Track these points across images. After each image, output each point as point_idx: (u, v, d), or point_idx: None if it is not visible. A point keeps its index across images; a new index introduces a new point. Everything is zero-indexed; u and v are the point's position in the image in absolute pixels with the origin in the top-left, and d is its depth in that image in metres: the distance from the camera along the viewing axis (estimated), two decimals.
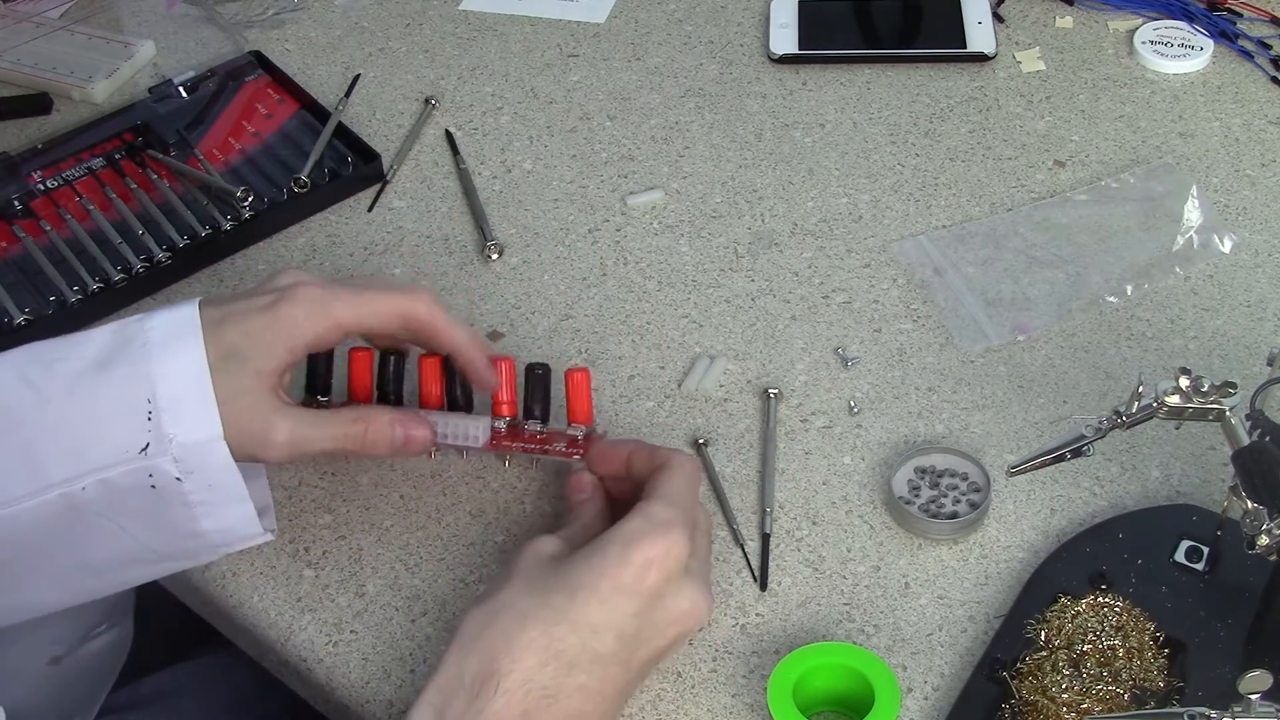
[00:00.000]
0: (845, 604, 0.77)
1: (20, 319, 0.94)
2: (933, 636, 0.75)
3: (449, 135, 1.07)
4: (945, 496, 0.80)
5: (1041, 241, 0.95)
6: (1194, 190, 0.96)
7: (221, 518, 0.72)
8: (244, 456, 0.72)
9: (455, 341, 0.76)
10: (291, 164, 1.04)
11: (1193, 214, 0.95)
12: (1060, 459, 0.74)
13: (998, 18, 1.13)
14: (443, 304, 0.76)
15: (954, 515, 0.79)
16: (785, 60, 1.11)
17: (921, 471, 0.81)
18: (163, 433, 0.69)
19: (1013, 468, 0.76)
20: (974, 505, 0.79)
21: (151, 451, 0.69)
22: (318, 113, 1.08)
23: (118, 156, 1.05)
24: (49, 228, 0.99)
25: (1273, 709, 0.62)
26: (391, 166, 1.05)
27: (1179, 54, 1.08)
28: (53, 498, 0.69)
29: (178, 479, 0.69)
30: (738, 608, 0.77)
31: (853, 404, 0.86)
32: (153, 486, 0.69)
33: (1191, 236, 0.95)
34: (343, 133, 1.06)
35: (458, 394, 0.80)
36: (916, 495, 0.80)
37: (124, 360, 0.70)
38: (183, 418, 0.69)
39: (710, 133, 1.06)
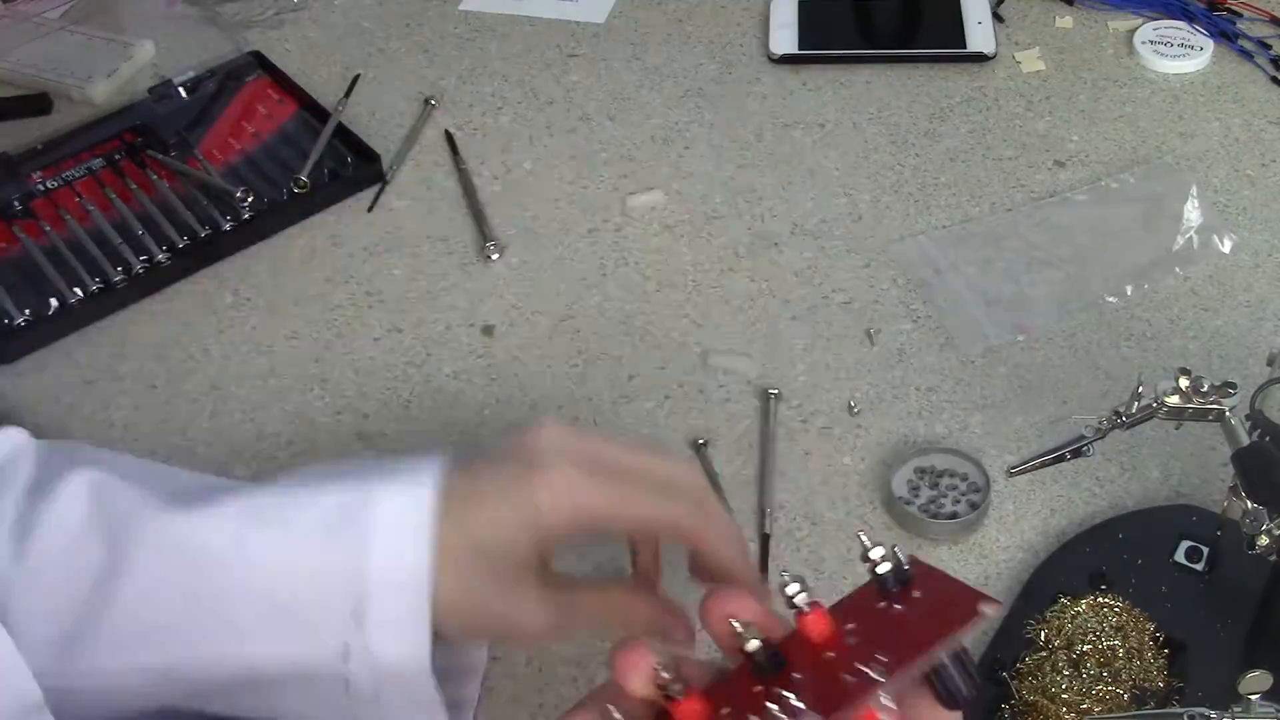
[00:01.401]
0: None
1: (20, 319, 0.94)
2: None
3: (449, 135, 1.07)
4: (945, 497, 0.80)
5: (1041, 241, 0.95)
6: (1194, 190, 0.96)
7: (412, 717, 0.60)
8: (492, 636, 0.65)
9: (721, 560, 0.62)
10: (291, 164, 1.04)
11: (1193, 214, 0.95)
12: (1060, 459, 0.74)
13: (998, 18, 1.13)
14: (711, 507, 0.62)
15: (954, 515, 0.79)
16: (785, 60, 1.11)
17: (921, 472, 0.81)
18: (367, 645, 0.57)
19: (1013, 468, 0.76)
20: (974, 505, 0.79)
21: (353, 660, 0.57)
22: (318, 113, 1.08)
23: (117, 157, 1.05)
24: (49, 228, 0.99)
25: (1273, 709, 0.62)
26: (391, 167, 1.05)
27: (1179, 54, 1.08)
28: (241, 672, 0.58)
29: (377, 698, 0.58)
30: None
31: (853, 404, 0.86)
32: (346, 689, 0.58)
33: (1191, 236, 0.95)
34: (342, 133, 1.06)
35: None
36: (916, 495, 0.80)
37: (338, 543, 0.58)
38: (388, 629, 0.57)
39: (710, 133, 1.06)
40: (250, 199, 1.00)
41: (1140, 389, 0.72)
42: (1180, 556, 0.76)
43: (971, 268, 0.94)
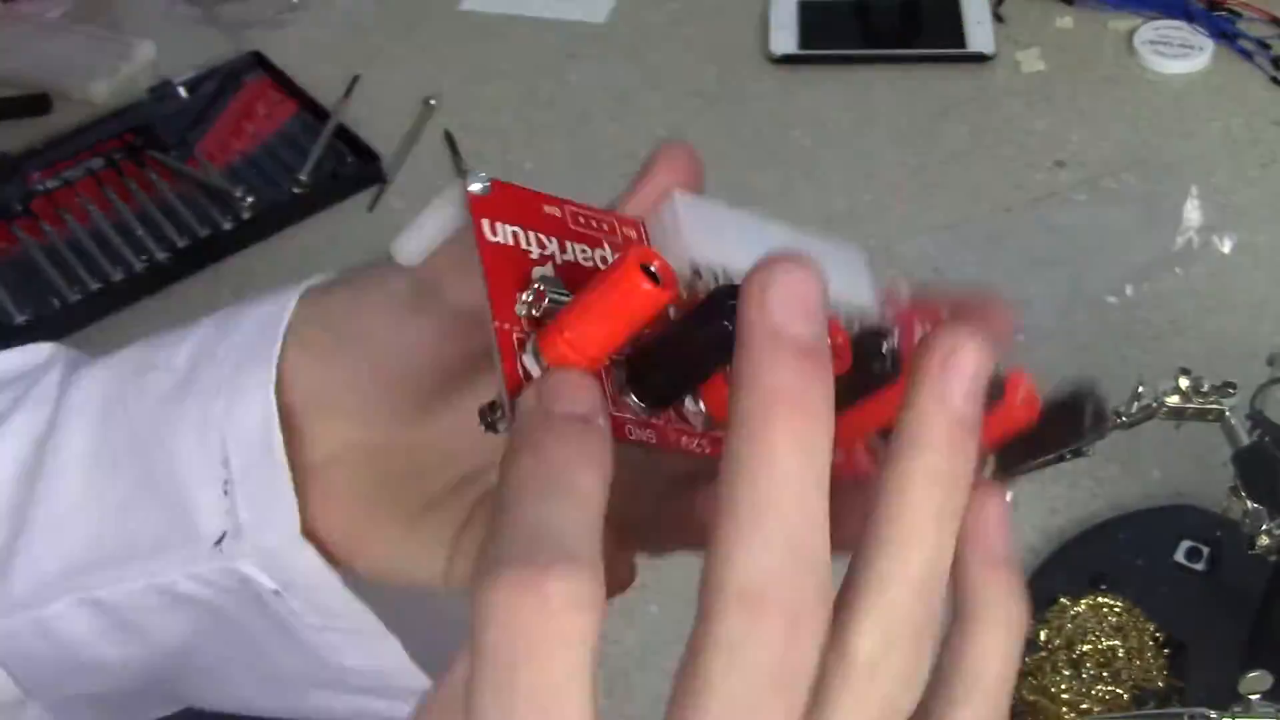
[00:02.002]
0: None
1: (20, 319, 0.94)
2: None
3: (449, 135, 1.07)
4: None
5: (1041, 241, 0.95)
6: (1194, 190, 0.96)
7: (370, 653, 0.44)
8: (387, 577, 0.44)
9: None
10: (291, 164, 1.04)
11: (1193, 214, 0.95)
12: (1060, 459, 0.74)
13: (998, 18, 1.13)
14: None
15: None
16: (785, 60, 1.11)
17: None
18: (238, 521, 0.41)
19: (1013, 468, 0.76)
20: None
21: (227, 549, 0.42)
22: (318, 113, 1.08)
23: (117, 157, 1.05)
24: (49, 228, 0.99)
25: (1273, 709, 0.62)
26: (391, 167, 1.05)
27: (1179, 54, 1.08)
28: (145, 586, 0.44)
29: (276, 592, 0.42)
30: None
31: None
32: (257, 595, 0.43)
33: (1191, 236, 0.95)
34: (342, 133, 1.06)
35: None
36: None
37: (197, 387, 0.43)
38: (252, 501, 0.41)
39: (710, 133, 1.06)
40: (250, 199, 1.00)
41: (1140, 389, 0.72)
42: (1180, 556, 0.76)
43: (971, 268, 0.94)
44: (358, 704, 0.48)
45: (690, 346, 0.32)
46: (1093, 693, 0.69)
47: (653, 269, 0.30)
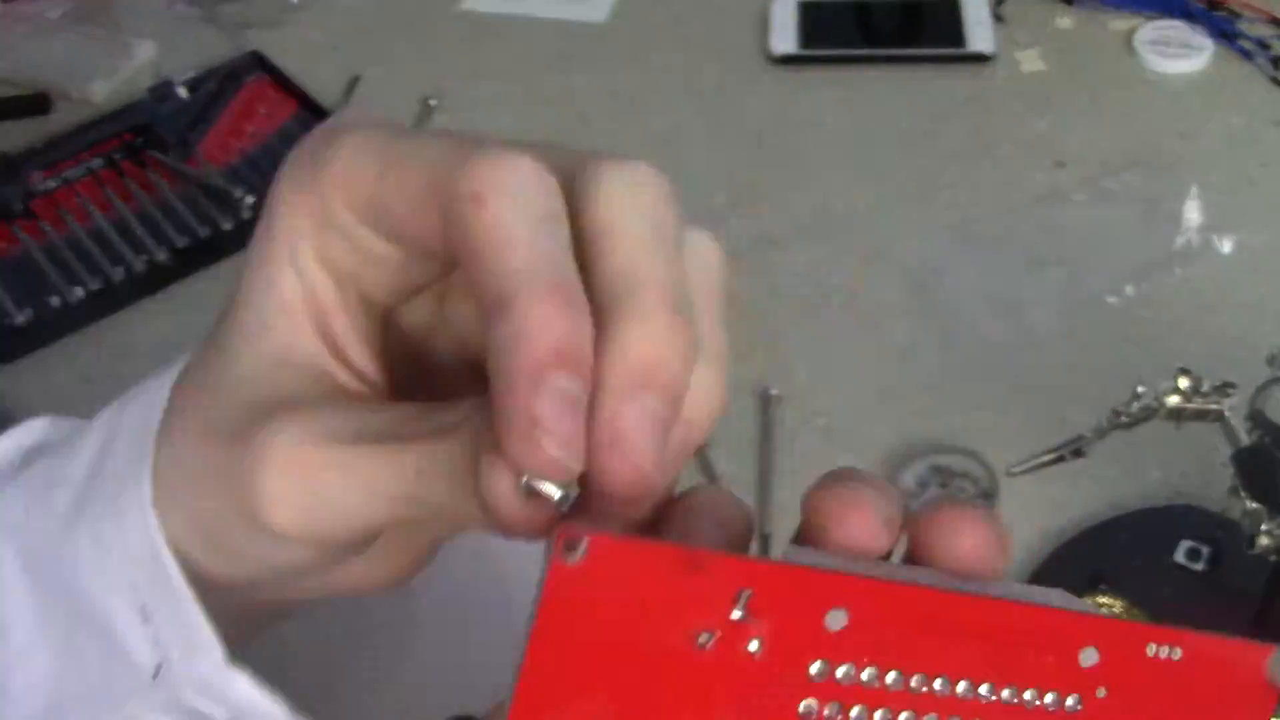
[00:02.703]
0: None
1: (21, 319, 0.94)
2: None
3: None
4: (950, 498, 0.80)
5: (1041, 241, 0.95)
6: (1194, 190, 0.96)
7: None
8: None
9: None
10: None
11: (1193, 214, 0.95)
12: (1060, 460, 0.74)
13: (998, 18, 1.13)
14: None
15: None
16: (785, 60, 1.11)
17: (935, 470, 0.81)
18: (167, 651, 0.36)
19: (1013, 468, 0.76)
20: None
21: (164, 678, 0.36)
22: (317, 113, 1.08)
23: (117, 157, 1.05)
24: (49, 228, 0.99)
25: None
26: None
27: (1179, 54, 1.08)
28: None
29: None
30: None
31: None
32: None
33: (1191, 236, 0.95)
34: None
35: None
36: (923, 491, 0.80)
37: (89, 511, 0.38)
38: (169, 628, 0.36)
39: (710, 133, 1.06)
40: (250, 199, 1.00)
41: (1140, 389, 0.72)
42: (1180, 556, 0.76)
43: (971, 268, 0.94)
44: None
45: None
46: None
47: None
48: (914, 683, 0.26)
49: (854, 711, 0.25)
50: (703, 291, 0.31)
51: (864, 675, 0.25)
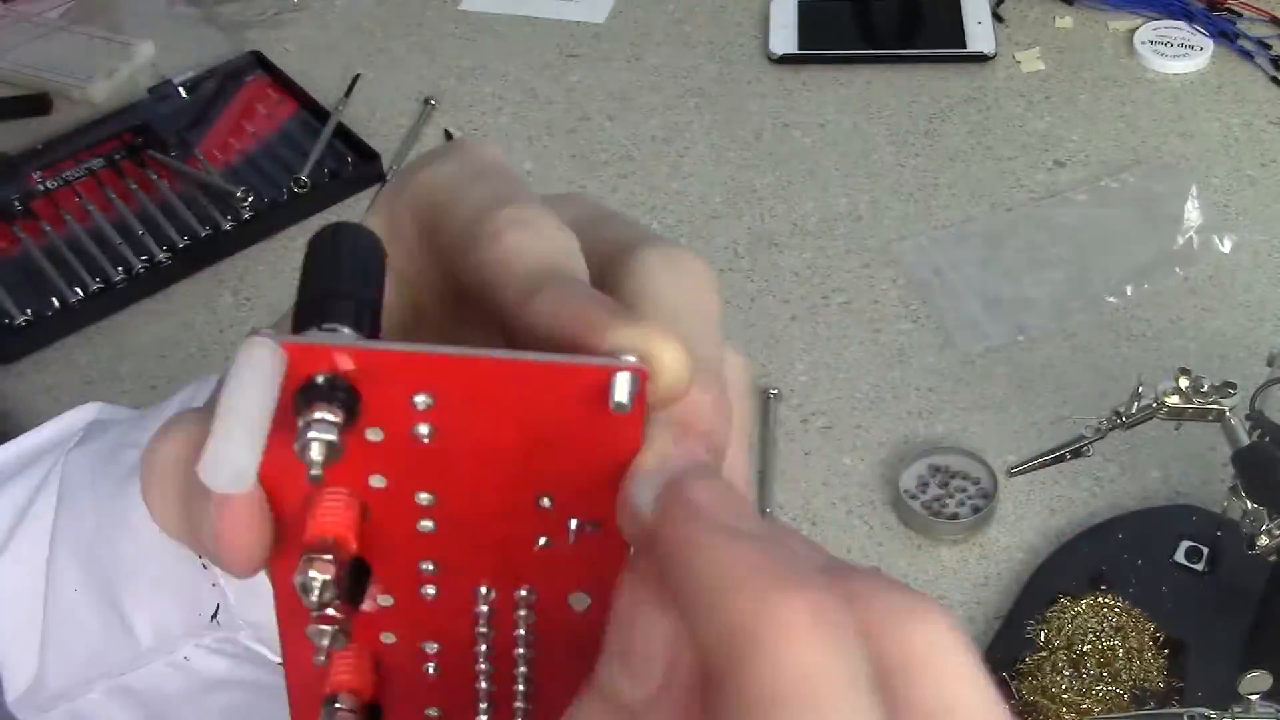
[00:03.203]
0: None
1: (21, 319, 0.94)
2: None
3: (449, 135, 1.07)
4: (951, 498, 0.80)
5: (1041, 241, 0.95)
6: (1194, 190, 0.96)
7: None
8: None
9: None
10: (291, 164, 1.04)
11: (1193, 214, 0.95)
12: (1060, 459, 0.74)
13: (998, 18, 1.13)
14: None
15: (954, 516, 0.79)
16: (785, 60, 1.11)
17: (934, 469, 0.81)
18: (227, 598, 0.43)
19: (1013, 468, 0.76)
20: (976, 510, 0.79)
21: (224, 621, 0.43)
22: (317, 113, 1.08)
23: (117, 157, 1.05)
24: (49, 228, 0.99)
25: (1272, 709, 0.62)
26: (391, 166, 1.05)
27: (1179, 54, 1.08)
28: (161, 666, 0.46)
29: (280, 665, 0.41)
30: None
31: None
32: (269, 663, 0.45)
33: (1191, 236, 0.95)
34: (342, 133, 1.06)
35: None
36: (923, 491, 0.80)
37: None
38: (233, 580, 0.42)
39: (710, 133, 1.06)
40: (250, 199, 1.00)
41: (1140, 389, 0.72)
42: (1180, 556, 0.76)
43: (971, 268, 0.94)
44: None
45: None
46: (1093, 692, 0.69)
47: None
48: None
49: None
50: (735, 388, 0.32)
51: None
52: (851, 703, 0.24)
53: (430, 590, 0.30)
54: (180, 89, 1.09)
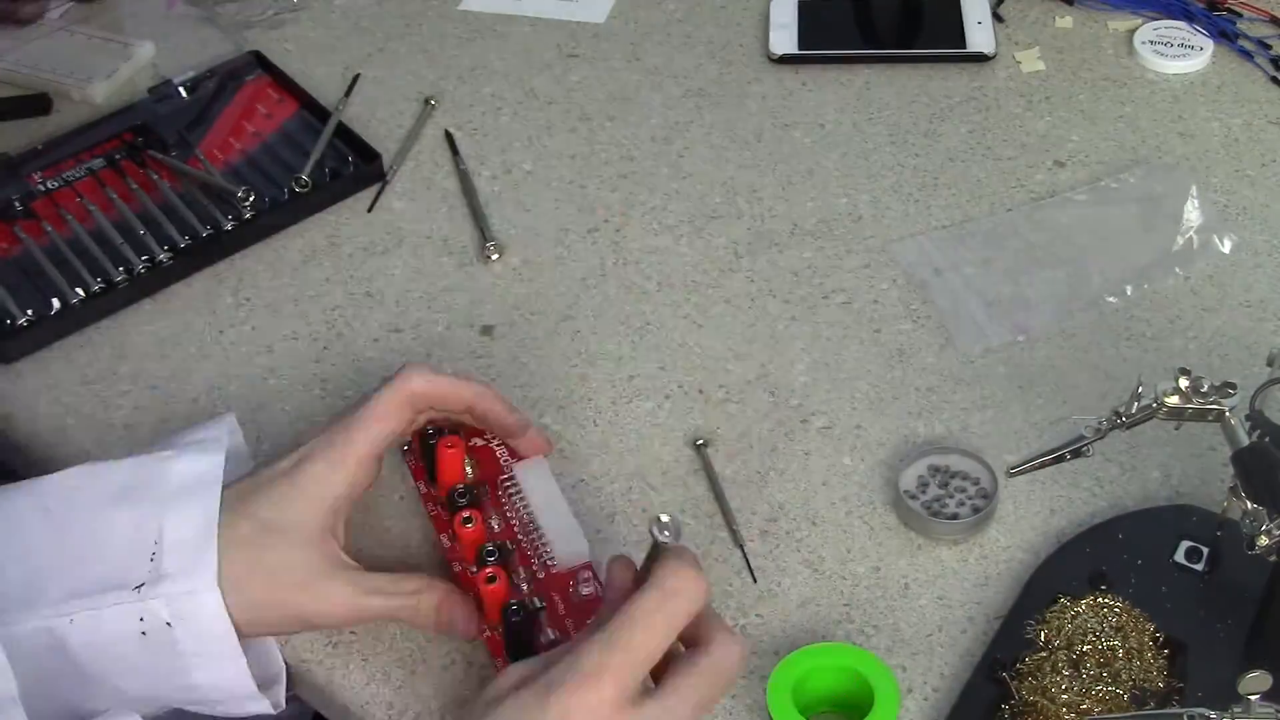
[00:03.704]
0: (845, 605, 0.77)
1: (23, 319, 0.94)
2: (932, 637, 0.75)
3: (449, 135, 1.07)
4: (951, 498, 0.80)
5: (1041, 241, 0.95)
6: (1194, 190, 0.96)
7: (215, 671, 0.69)
8: (301, 625, 0.73)
9: (468, 396, 0.77)
10: (292, 164, 1.04)
11: (1193, 214, 0.95)
12: (1060, 460, 0.74)
13: (998, 18, 1.13)
14: (434, 369, 0.76)
15: (954, 516, 0.79)
16: (785, 60, 1.11)
17: (934, 470, 0.81)
18: (161, 573, 0.68)
19: (1012, 468, 0.76)
20: (976, 510, 0.79)
21: (145, 591, 0.67)
22: (318, 112, 1.08)
23: (118, 157, 1.05)
24: (50, 228, 0.99)
25: (1273, 710, 0.62)
26: (391, 167, 1.05)
27: (1179, 54, 1.08)
28: (40, 626, 0.67)
29: (168, 624, 0.67)
30: (737, 608, 0.77)
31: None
32: (143, 633, 0.67)
33: (1191, 236, 0.95)
34: (343, 132, 1.06)
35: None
36: (923, 491, 0.80)
37: (141, 498, 0.70)
38: (182, 562, 0.68)
39: (710, 133, 1.06)
40: (252, 198, 1.00)
41: (1140, 389, 0.72)
42: (1180, 556, 0.76)
43: (971, 268, 0.94)
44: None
45: None
46: (1093, 693, 0.69)
47: None
48: None
49: None
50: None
51: None
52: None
53: None
54: (180, 89, 1.10)
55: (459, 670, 0.75)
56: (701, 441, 0.85)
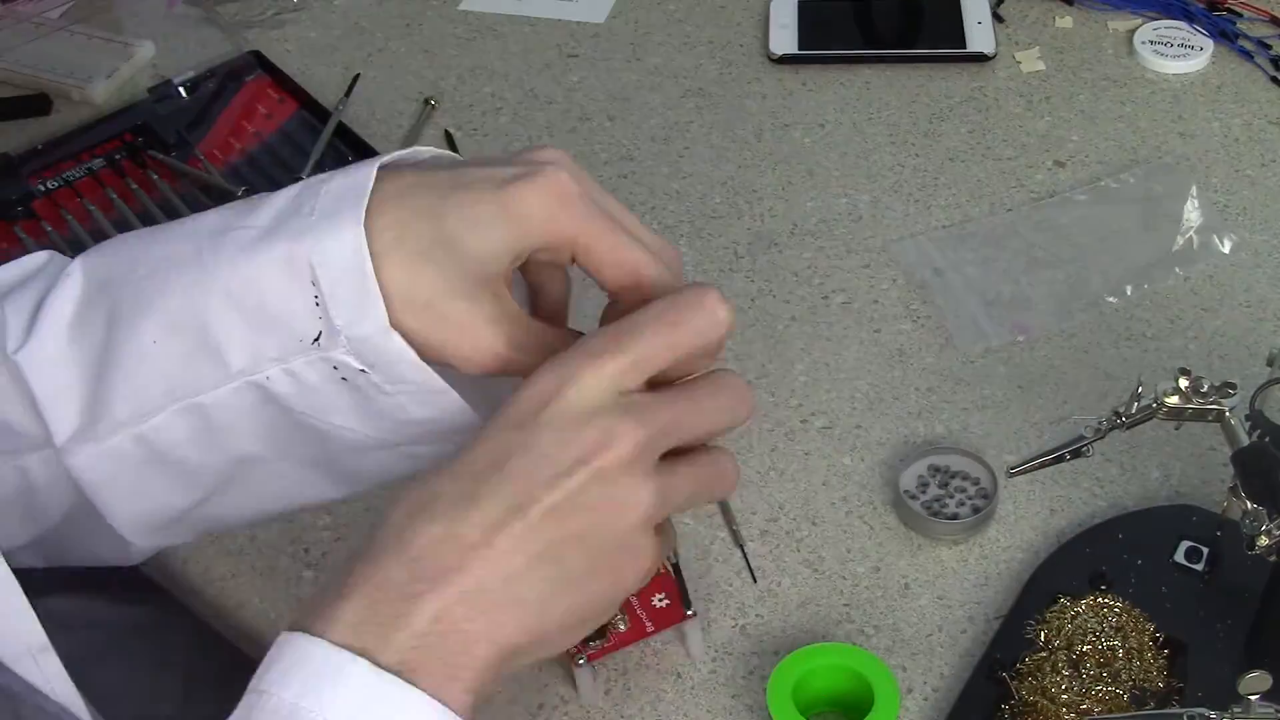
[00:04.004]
0: (845, 605, 0.77)
1: None
2: (932, 637, 0.75)
3: (449, 135, 1.07)
4: (951, 498, 0.80)
5: (1041, 241, 0.95)
6: (1194, 190, 0.96)
7: (432, 406, 0.62)
8: (445, 361, 0.61)
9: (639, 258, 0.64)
10: (292, 163, 1.04)
11: (1192, 214, 0.95)
12: (1060, 460, 0.74)
13: (998, 18, 1.13)
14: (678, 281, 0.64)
15: (954, 517, 0.79)
16: (785, 60, 1.11)
17: (934, 470, 0.81)
18: (332, 324, 0.59)
19: (1012, 468, 0.76)
20: (976, 510, 0.79)
21: (324, 344, 0.59)
22: (318, 112, 1.08)
23: (118, 157, 1.05)
24: (50, 228, 0.99)
25: (1273, 710, 0.62)
26: None
27: (1179, 54, 1.08)
28: (242, 385, 0.61)
29: (362, 370, 0.60)
30: (737, 608, 0.77)
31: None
32: (343, 379, 0.60)
33: (1191, 236, 0.95)
34: (343, 132, 1.06)
35: None
36: (923, 491, 0.80)
37: (285, 234, 0.59)
38: (345, 308, 0.58)
39: (710, 133, 1.06)
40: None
41: (1140, 389, 0.72)
42: (1180, 556, 0.76)
43: (971, 268, 0.94)
44: (410, 455, 0.65)
45: None
46: (1093, 693, 0.69)
47: None
48: None
49: None
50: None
51: None
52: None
53: None
54: (180, 89, 1.10)
55: None
56: None
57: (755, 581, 0.78)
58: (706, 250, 0.97)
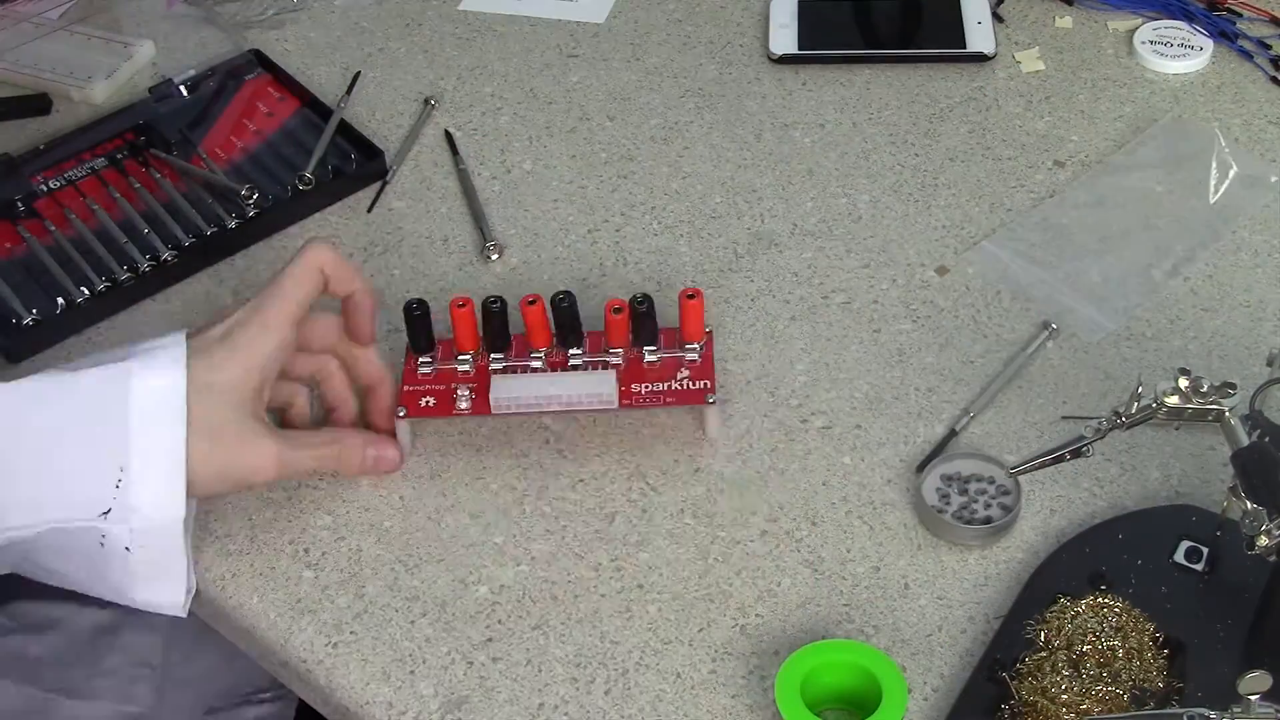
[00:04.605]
0: (845, 605, 0.77)
1: (28, 319, 0.94)
2: (932, 637, 0.76)
3: (449, 135, 1.07)
4: (975, 502, 0.80)
5: (1041, 241, 0.95)
6: (1220, 139, 0.98)
7: (155, 592, 0.76)
8: (233, 485, 0.77)
9: (359, 283, 0.82)
10: (294, 161, 1.04)
11: (1227, 160, 0.96)
12: (1060, 460, 0.74)
13: (997, 18, 1.13)
14: (335, 248, 0.82)
15: (987, 520, 0.79)
16: (785, 60, 1.11)
17: (948, 479, 0.81)
18: (127, 503, 0.72)
19: (1013, 469, 0.76)
20: (1006, 509, 0.79)
21: (112, 517, 0.72)
22: (319, 110, 1.08)
23: (120, 156, 1.05)
24: (53, 228, 0.99)
25: (1272, 710, 0.62)
26: (391, 167, 1.05)
27: (1179, 54, 1.08)
28: (1, 541, 0.72)
29: (126, 549, 0.73)
30: (737, 609, 0.77)
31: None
32: (101, 545, 0.72)
33: (1230, 183, 0.95)
34: (345, 130, 1.06)
35: (568, 335, 0.86)
36: (948, 503, 0.80)
37: (106, 420, 0.72)
38: (149, 493, 0.72)
39: (710, 133, 1.06)
40: (255, 196, 1.00)
41: (1140, 389, 0.72)
42: (1180, 556, 0.76)
43: (971, 268, 0.94)
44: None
45: None
46: (1093, 693, 0.69)
47: None
48: None
49: None
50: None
51: None
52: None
53: None
54: (181, 88, 1.10)
55: (459, 670, 0.76)
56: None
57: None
58: (706, 250, 0.97)
